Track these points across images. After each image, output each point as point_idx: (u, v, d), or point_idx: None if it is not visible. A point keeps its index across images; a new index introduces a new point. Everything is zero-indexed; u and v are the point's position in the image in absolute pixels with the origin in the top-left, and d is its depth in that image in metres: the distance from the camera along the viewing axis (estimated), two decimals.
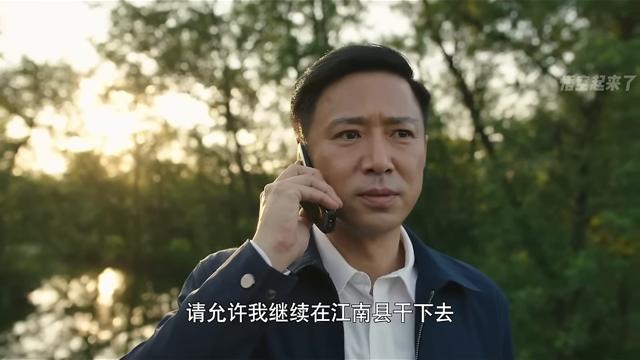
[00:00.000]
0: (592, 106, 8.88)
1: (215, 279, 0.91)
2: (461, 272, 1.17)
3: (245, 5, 15.48)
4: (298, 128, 1.10)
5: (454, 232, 12.19)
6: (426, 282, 1.08)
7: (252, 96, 18.46)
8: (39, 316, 16.01)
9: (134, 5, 17.12)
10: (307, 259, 1.03)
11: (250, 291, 0.87)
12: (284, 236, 0.91)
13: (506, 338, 1.18)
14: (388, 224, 1.00)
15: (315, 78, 1.04)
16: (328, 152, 1.01)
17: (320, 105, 1.03)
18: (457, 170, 14.08)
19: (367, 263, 1.06)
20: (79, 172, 24.92)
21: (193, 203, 22.48)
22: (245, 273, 0.88)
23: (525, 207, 9.08)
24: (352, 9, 13.50)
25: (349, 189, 0.99)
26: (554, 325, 8.27)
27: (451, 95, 13.95)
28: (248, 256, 0.90)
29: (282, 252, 0.91)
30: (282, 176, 1.01)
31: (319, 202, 0.97)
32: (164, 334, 0.89)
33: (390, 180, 0.98)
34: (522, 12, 9.32)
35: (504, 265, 9.19)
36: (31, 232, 21.21)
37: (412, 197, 1.03)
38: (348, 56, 1.02)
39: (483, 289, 1.17)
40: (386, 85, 1.01)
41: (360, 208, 0.99)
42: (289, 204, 0.93)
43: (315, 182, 0.98)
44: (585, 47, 8.17)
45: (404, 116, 1.00)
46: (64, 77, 20.20)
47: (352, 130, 0.99)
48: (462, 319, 1.10)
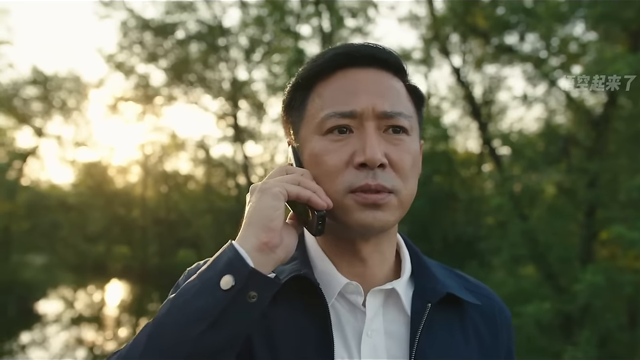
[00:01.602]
0: (600, 119, 8.84)
1: (194, 281, 0.87)
2: (461, 283, 1.12)
3: (253, 17, 15.55)
4: (288, 129, 1.07)
5: (461, 245, 12.13)
6: (423, 294, 1.03)
7: (260, 108, 18.50)
8: (45, 326, 16.01)
9: (143, 16, 17.24)
10: (297, 267, 0.98)
11: (230, 293, 0.82)
12: (268, 236, 0.87)
13: (508, 353, 1.12)
14: (381, 223, 0.95)
15: (306, 74, 1.02)
16: (319, 148, 0.97)
17: (311, 102, 1.00)
18: (464, 183, 14.06)
19: (361, 269, 1.01)
20: (87, 182, 25.04)
21: (200, 214, 22.48)
22: (225, 274, 0.83)
23: (533, 221, 9.02)
24: (360, 21, 13.53)
25: (340, 185, 0.94)
26: (562, 340, 8.18)
27: (459, 108, 13.90)
28: (229, 257, 0.86)
29: (265, 253, 0.87)
30: (270, 176, 0.97)
31: (307, 201, 0.92)
32: (140, 338, 0.84)
33: (384, 176, 0.94)
34: (530, 24, 9.30)
35: (511, 279, 9.12)
36: (38, 242, 21.28)
37: (407, 197, 0.98)
38: (340, 51, 1.00)
39: (484, 301, 1.11)
40: (379, 80, 0.98)
41: (352, 205, 0.94)
42: (274, 202, 0.89)
43: (303, 182, 0.94)
44: (593, 59, 8.14)
45: (398, 111, 0.97)
46: (73, 88, 20.38)
47: (344, 125, 0.96)
48: (462, 333, 1.04)
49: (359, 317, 0.99)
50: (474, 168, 14.93)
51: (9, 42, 16.74)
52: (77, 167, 24.63)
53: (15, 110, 18.81)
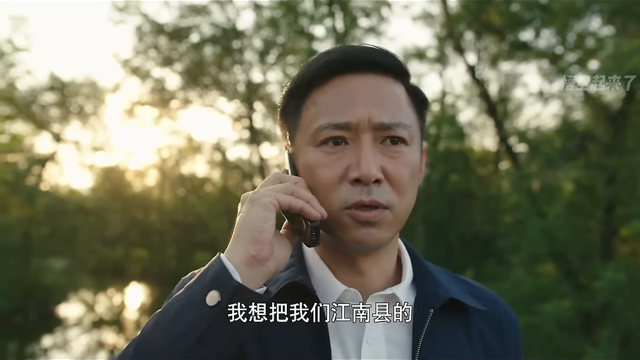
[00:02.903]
0: (618, 114, 8.72)
1: (181, 296, 0.84)
2: (465, 288, 1.08)
3: (267, 19, 15.57)
4: (285, 134, 1.04)
5: (479, 244, 12.04)
6: (424, 299, 0.99)
7: (275, 109, 18.33)
8: (66, 329, 16.15)
9: (157, 21, 17.33)
10: (292, 274, 0.95)
11: (216, 309, 0.80)
12: (257, 249, 0.84)
13: (515, 359, 1.08)
14: (376, 240, 0.92)
15: (300, 80, 0.97)
16: (313, 161, 0.93)
17: (305, 109, 0.96)
18: (481, 182, 13.96)
19: (359, 280, 0.98)
20: (105, 186, 25.25)
21: (217, 217, 22.53)
22: (211, 289, 0.81)
23: (551, 218, 8.92)
24: (374, 20, 13.49)
25: (335, 201, 0.91)
26: (583, 339, 8.07)
27: (474, 106, 13.81)
28: (215, 271, 0.83)
29: (254, 267, 0.84)
30: (263, 184, 0.94)
31: (299, 212, 0.89)
32: (127, 352, 0.83)
33: (379, 192, 0.90)
34: (545, 20, 9.21)
35: (530, 278, 9.03)
36: (58, 246, 21.41)
37: (403, 211, 0.94)
38: (335, 56, 0.95)
39: (489, 306, 1.07)
40: (377, 88, 0.93)
41: (347, 222, 0.91)
42: (264, 213, 0.86)
43: (296, 191, 0.90)
44: (610, 54, 8.04)
45: (396, 122, 0.92)
46: (90, 93, 20.47)
47: (339, 136, 0.92)
48: (466, 339, 1.00)
49: (358, 324, 0.96)
50: (490, 166, 14.81)
51: (27, 49, 16.85)
52: (95, 171, 24.81)
53: (34, 117, 18.95)
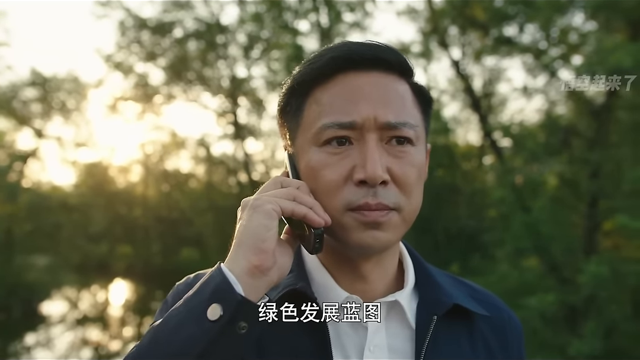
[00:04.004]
0: (601, 109, 8.78)
1: (180, 308, 0.80)
2: (468, 293, 1.05)
3: (251, 14, 15.49)
4: (284, 134, 1.00)
5: (464, 239, 12.09)
6: (428, 305, 0.96)
7: (260, 104, 18.42)
8: (49, 327, 16.01)
9: (140, 15, 17.19)
10: (292, 281, 0.92)
11: (218, 324, 0.75)
12: (260, 259, 0.80)
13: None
14: (382, 243, 0.89)
15: (302, 78, 0.94)
16: (316, 161, 0.90)
17: (308, 108, 0.93)
18: (465, 176, 14.00)
19: (361, 286, 0.95)
20: (88, 182, 25.03)
21: (202, 212, 22.45)
22: (212, 303, 0.77)
23: (536, 213, 8.97)
24: (358, 15, 13.47)
25: (338, 202, 0.88)
26: (567, 332, 8.15)
27: (459, 101, 13.87)
28: (216, 283, 0.79)
29: (257, 277, 0.80)
30: (263, 189, 0.90)
31: (303, 218, 0.85)
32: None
33: (386, 194, 0.87)
34: (529, 15, 9.24)
35: (514, 272, 9.09)
36: (41, 243, 21.24)
37: (411, 213, 0.91)
38: (339, 53, 0.91)
39: (493, 312, 1.05)
40: (382, 86, 0.90)
41: (351, 224, 0.88)
42: (266, 221, 0.82)
43: (299, 197, 0.87)
44: (594, 49, 8.09)
45: (402, 121, 0.89)
46: (72, 89, 20.28)
47: (343, 136, 0.88)
48: (470, 347, 0.98)
49: (360, 332, 0.93)
50: (475, 161, 14.88)
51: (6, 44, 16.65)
52: (78, 167, 24.62)
53: (15, 112, 18.74)
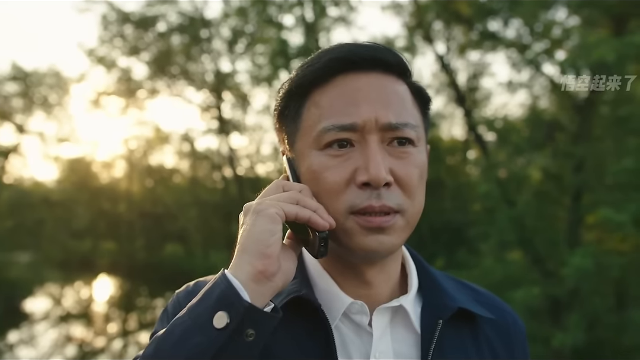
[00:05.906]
0: (585, 103, 8.86)
1: (184, 317, 0.78)
2: (472, 296, 1.05)
3: (235, 8, 15.42)
4: (283, 138, 0.99)
5: (449, 233, 12.16)
6: (433, 310, 0.96)
7: (244, 99, 18.38)
8: (32, 324, 15.86)
9: (123, 9, 17.06)
10: (296, 288, 0.90)
11: (225, 332, 0.74)
12: (265, 264, 0.79)
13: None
14: (387, 248, 0.88)
15: (301, 80, 0.92)
16: (317, 165, 0.89)
17: (307, 111, 0.92)
18: (450, 171, 14.09)
19: (365, 291, 0.94)
20: (71, 178, 24.85)
21: (186, 207, 22.36)
22: (218, 310, 0.75)
23: (520, 206, 9.05)
24: (343, 10, 13.45)
25: (341, 206, 0.87)
26: (551, 324, 8.23)
27: (443, 95, 13.95)
28: (222, 289, 0.77)
29: (262, 283, 0.79)
30: (265, 193, 0.89)
31: (307, 222, 0.84)
32: None
33: (389, 196, 0.86)
34: (513, 10, 9.28)
35: (499, 265, 9.16)
36: (23, 240, 21.04)
37: (414, 215, 0.91)
38: (338, 54, 0.90)
39: (497, 314, 1.04)
40: (382, 87, 0.89)
41: (354, 229, 0.87)
42: (270, 226, 0.80)
43: (302, 200, 0.85)
44: (577, 44, 8.15)
45: (403, 122, 0.88)
46: (54, 83, 20.11)
47: (344, 138, 0.87)
48: (475, 349, 0.97)
49: (365, 338, 0.92)
50: (459, 155, 14.98)
51: None
52: (61, 163, 24.48)
53: None
